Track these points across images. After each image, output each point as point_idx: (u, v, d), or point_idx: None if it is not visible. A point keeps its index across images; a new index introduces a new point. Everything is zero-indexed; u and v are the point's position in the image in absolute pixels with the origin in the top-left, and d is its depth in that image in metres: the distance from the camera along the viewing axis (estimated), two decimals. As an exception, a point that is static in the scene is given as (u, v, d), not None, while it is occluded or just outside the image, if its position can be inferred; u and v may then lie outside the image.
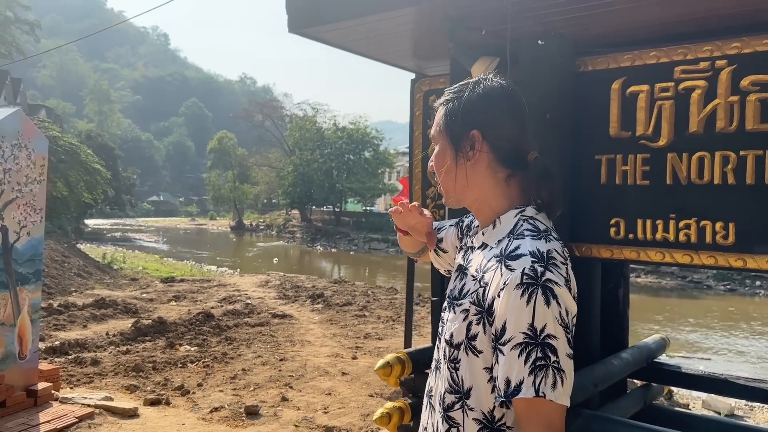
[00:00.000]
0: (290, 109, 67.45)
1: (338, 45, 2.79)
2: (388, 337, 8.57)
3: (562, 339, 1.09)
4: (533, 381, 1.06)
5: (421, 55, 3.03)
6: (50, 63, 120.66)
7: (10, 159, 4.52)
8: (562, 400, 1.07)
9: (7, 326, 4.54)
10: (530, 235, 1.18)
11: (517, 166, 1.26)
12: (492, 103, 1.25)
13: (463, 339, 1.19)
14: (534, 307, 1.08)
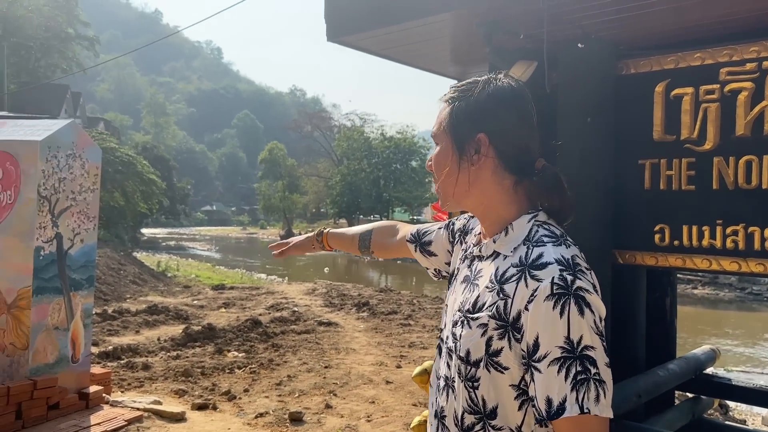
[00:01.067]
0: (338, 119, 68.27)
1: (377, 53, 2.81)
2: (433, 347, 8.52)
3: (600, 348, 1.04)
4: (576, 397, 1.01)
5: (458, 60, 3.02)
6: (109, 77, 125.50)
7: (65, 168, 4.71)
8: (606, 413, 1.02)
9: (61, 330, 4.72)
10: (550, 241, 1.12)
11: (524, 173, 1.19)
12: (502, 105, 1.17)
13: (483, 355, 1.11)
14: (568, 318, 1.02)
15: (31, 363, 4.46)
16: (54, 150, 4.63)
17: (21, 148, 4.55)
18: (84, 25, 56.10)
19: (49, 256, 4.60)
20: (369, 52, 2.76)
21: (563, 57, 2.62)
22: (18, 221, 4.51)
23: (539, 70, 2.48)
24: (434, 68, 3.14)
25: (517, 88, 1.21)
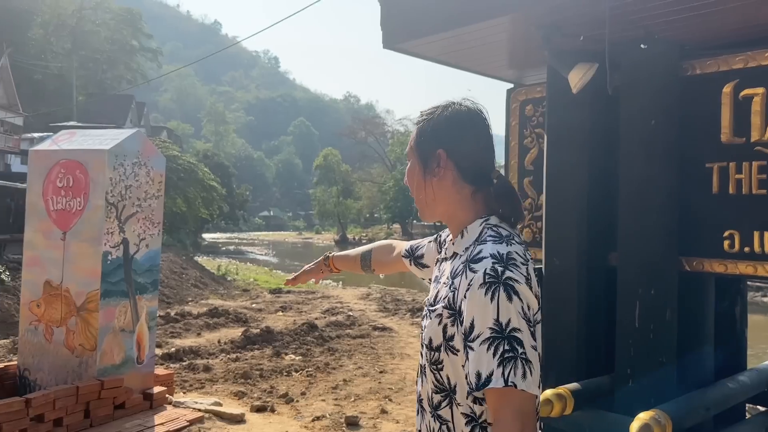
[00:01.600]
0: (392, 125, 68.51)
1: (433, 58, 2.80)
2: (489, 353, 8.41)
3: (526, 332, 1.16)
4: (503, 372, 1.12)
5: (516, 64, 2.98)
6: (171, 87, 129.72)
7: (131, 176, 4.89)
8: (531, 389, 1.14)
9: (127, 332, 4.89)
10: (492, 240, 1.26)
11: (481, 183, 1.35)
12: (458, 125, 1.35)
13: (442, 341, 1.26)
14: (498, 303, 1.16)
15: (98, 364, 4.64)
16: (121, 158, 4.81)
17: (90, 157, 4.76)
18: (147, 37, 58.35)
19: (116, 260, 4.78)
20: (424, 57, 2.76)
21: (625, 58, 2.56)
22: (87, 227, 4.71)
23: (600, 72, 2.42)
24: (490, 72, 3.11)
25: (473, 110, 1.38)
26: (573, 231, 2.59)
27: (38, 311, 4.78)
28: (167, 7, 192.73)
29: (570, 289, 2.60)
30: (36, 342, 4.79)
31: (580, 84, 2.34)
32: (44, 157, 4.93)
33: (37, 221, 4.89)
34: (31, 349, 4.80)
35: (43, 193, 4.87)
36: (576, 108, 2.55)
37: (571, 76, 2.36)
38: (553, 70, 2.55)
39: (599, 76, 2.38)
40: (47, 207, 4.84)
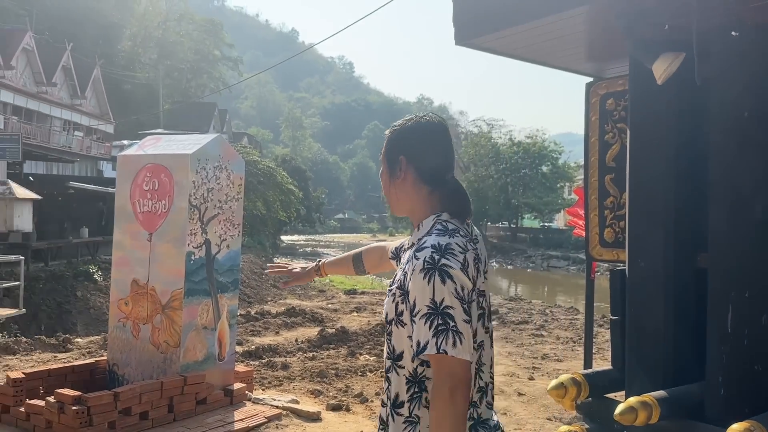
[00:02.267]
0: (465, 126, 67.83)
1: (506, 53, 2.73)
2: (568, 359, 8.17)
3: (459, 309, 1.41)
4: (436, 341, 1.40)
5: (595, 56, 2.86)
6: (251, 95, 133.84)
7: (212, 179, 5.06)
8: (462, 355, 1.40)
9: (209, 330, 5.06)
10: (437, 233, 1.51)
11: (436, 184, 1.59)
12: (417, 135, 1.61)
13: (394, 315, 1.54)
14: (433, 285, 1.42)
15: (182, 360, 4.81)
16: (203, 162, 4.98)
17: (174, 161, 4.96)
18: (229, 46, 60.45)
19: (199, 260, 4.95)
20: (498, 53, 2.69)
21: (715, 47, 2.40)
22: (172, 228, 4.91)
23: (687, 62, 2.28)
24: (568, 66, 2.99)
25: (432, 122, 1.63)
26: (659, 231, 2.44)
27: (126, 309, 5.02)
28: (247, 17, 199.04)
29: (656, 292, 2.45)
30: (124, 338, 5.03)
31: (665, 75, 2.21)
32: (131, 162, 5.18)
33: (125, 223, 5.13)
34: (120, 345, 5.05)
35: (130, 196, 5.11)
36: (661, 100, 2.40)
37: (655, 67, 2.23)
38: (636, 61, 2.42)
39: (686, 67, 2.24)
40: (134, 209, 5.07)
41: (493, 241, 53.60)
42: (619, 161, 2.83)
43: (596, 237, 2.91)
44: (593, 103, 2.93)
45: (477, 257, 1.54)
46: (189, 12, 57.84)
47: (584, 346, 4.19)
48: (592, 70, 3.04)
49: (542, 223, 53.45)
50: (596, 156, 2.92)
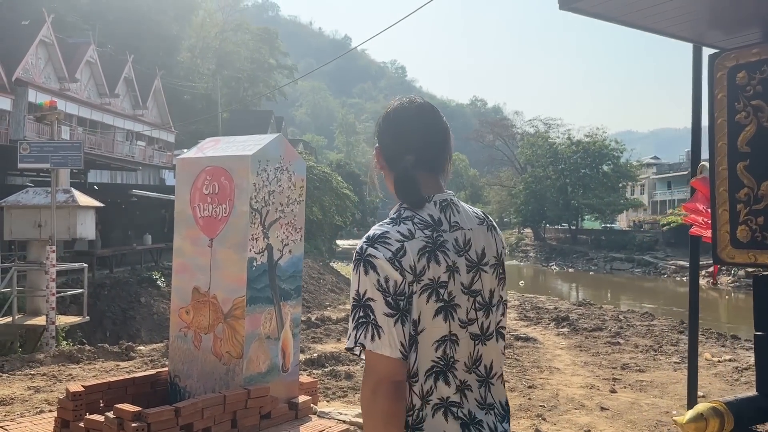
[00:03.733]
0: (521, 126, 66.69)
1: (614, 18, 2.33)
2: (651, 370, 7.58)
3: (380, 301, 1.38)
4: (355, 334, 1.39)
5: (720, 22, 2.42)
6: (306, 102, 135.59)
7: (273, 181, 4.80)
8: (380, 350, 1.36)
9: (272, 339, 4.79)
10: (381, 222, 1.50)
11: (396, 170, 1.56)
12: (385, 123, 1.61)
13: None
14: (358, 276, 1.42)
15: (245, 372, 4.56)
16: (264, 164, 4.74)
17: (234, 163, 4.72)
18: (284, 55, 61.24)
19: (261, 266, 4.70)
20: (606, 18, 2.29)
21: None
22: (233, 233, 4.67)
23: None
24: (684, 34, 2.54)
25: (401, 106, 1.61)
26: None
27: (187, 318, 4.81)
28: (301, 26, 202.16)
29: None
30: (185, 349, 4.82)
31: None
32: (190, 165, 4.98)
33: (185, 228, 4.93)
34: (181, 356, 4.84)
35: (190, 201, 4.90)
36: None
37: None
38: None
39: None
40: (194, 214, 4.86)
41: (552, 243, 52.28)
42: (755, 145, 2.37)
43: (726, 236, 2.46)
44: (719, 78, 2.48)
45: (437, 245, 1.46)
46: (245, 22, 58.91)
47: (688, 364, 3.71)
48: (715, 39, 2.59)
49: (603, 224, 51.86)
50: (724, 140, 2.47)
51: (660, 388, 6.72)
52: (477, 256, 1.52)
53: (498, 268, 1.58)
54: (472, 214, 1.58)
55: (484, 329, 1.54)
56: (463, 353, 1.48)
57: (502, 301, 1.59)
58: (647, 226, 49.25)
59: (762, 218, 2.37)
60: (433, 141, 1.58)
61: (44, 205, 10.08)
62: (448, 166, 1.62)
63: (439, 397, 1.44)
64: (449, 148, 1.63)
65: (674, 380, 7.04)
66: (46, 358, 7.73)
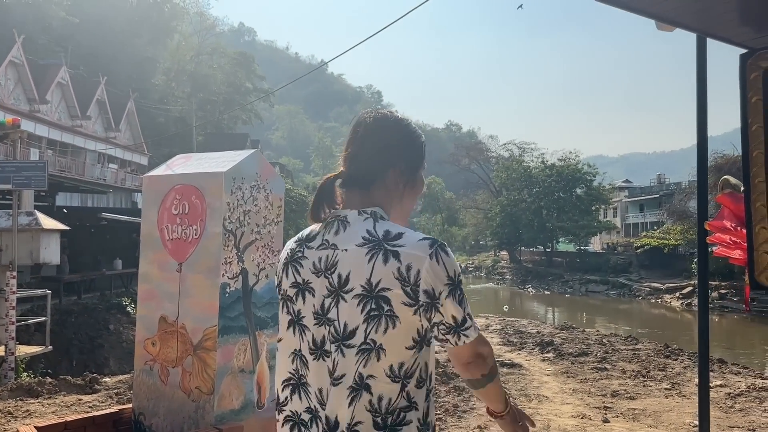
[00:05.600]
0: (496, 150, 67.37)
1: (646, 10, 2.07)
2: (642, 397, 7.31)
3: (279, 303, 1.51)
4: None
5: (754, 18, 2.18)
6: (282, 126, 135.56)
7: (249, 200, 4.46)
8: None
9: (247, 373, 4.41)
10: None
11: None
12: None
13: None
14: None
15: (216, 409, 4.16)
16: (238, 182, 4.40)
17: (206, 180, 4.37)
18: (260, 78, 61.03)
19: (235, 293, 4.33)
20: (634, 10, 2.04)
21: None
22: (204, 257, 4.30)
23: None
24: (714, 31, 2.29)
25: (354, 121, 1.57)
26: None
27: (153, 350, 4.40)
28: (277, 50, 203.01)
29: None
30: (151, 384, 4.41)
31: None
32: (158, 183, 4.61)
33: (151, 252, 4.55)
34: (146, 392, 4.42)
35: (158, 222, 4.53)
36: None
37: None
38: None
39: None
40: (162, 236, 4.49)
41: (528, 265, 52.36)
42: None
43: (765, 258, 2.19)
44: (752, 80, 2.23)
45: (293, 259, 1.45)
46: (221, 46, 58.69)
47: (699, 397, 3.43)
48: (745, 37, 2.36)
49: (578, 246, 52.19)
50: (761, 149, 2.21)
51: (653, 417, 6.44)
52: (339, 280, 1.34)
53: (368, 302, 1.29)
54: (362, 234, 1.35)
55: (334, 370, 1.32)
56: (313, 380, 1.37)
57: (376, 347, 1.29)
58: (621, 248, 49.71)
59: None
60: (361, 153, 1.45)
61: (5, 228, 9.57)
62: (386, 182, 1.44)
63: (292, 410, 1.40)
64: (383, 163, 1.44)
65: (667, 408, 6.78)
66: (3, 392, 7.19)
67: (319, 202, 1.46)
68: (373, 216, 1.40)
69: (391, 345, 1.29)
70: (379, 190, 1.44)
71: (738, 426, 6.12)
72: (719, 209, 3.08)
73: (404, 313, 1.29)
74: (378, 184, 1.44)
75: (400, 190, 1.47)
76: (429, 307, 1.30)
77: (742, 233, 2.76)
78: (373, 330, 1.29)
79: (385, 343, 1.29)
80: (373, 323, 1.29)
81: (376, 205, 1.43)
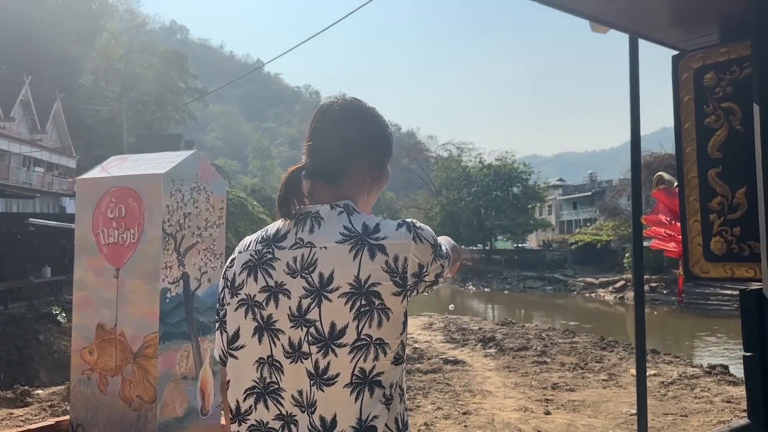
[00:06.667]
0: (435, 150, 68.04)
1: (584, 12, 2.13)
2: (581, 388, 7.55)
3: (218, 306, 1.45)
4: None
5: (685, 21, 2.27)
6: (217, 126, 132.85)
7: (189, 203, 4.35)
8: (214, 352, 1.46)
9: (189, 379, 4.30)
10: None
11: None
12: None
13: None
14: None
15: (158, 417, 4.04)
16: (178, 183, 4.28)
17: (144, 182, 4.24)
18: (193, 78, 59.61)
19: (176, 298, 4.21)
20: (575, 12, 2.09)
21: None
22: (143, 261, 4.17)
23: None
24: (648, 34, 2.38)
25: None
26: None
27: (91, 359, 4.23)
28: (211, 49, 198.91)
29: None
30: (89, 393, 4.24)
31: None
32: (93, 186, 4.44)
33: (86, 258, 4.37)
34: (84, 402, 4.25)
35: (93, 226, 4.36)
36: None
37: None
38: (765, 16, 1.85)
39: None
40: (98, 241, 4.32)
41: (468, 264, 53.17)
42: (727, 150, 2.23)
43: (698, 249, 2.29)
44: (684, 80, 2.33)
45: (261, 261, 1.37)
46: (152, 44, 57.01)
47: (637, 385, 3.56)
48: (677, 39, 2.46)
49: (515, 244, 53.39)
50: (693, 146, 2.31)
51: (593, 407, 6.66)
52: (321, 280, 1.28)
53: (356, 299, 1.27)
54: (340, 230, 1.31)
55: (319, 370, 1.27)
56: (290, 384, 1.31)
57: (373, 341, 1.26)
58: (556, 245, 51.16)
59: (738, 228, 2.22)
60: (329, 144, 1.41)
61: None
62: (353, 174, 1.41)
63: (257, 419, 1.35)
64: (351, 154, 1.41)
65: (605, 398, 7.02)
66: None
67: (288, 197, 1.38)
68: (347, 210, 1.36)
69: (389, 336, 1.28)
70: (347, 182, 1.40)
71: (672, 413, 6.40)
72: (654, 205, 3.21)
73: (393, 302, 1.27)
74: (346, 177, 1.40)
75: (368, 184, 1.43)
76: (415, 285, 1.31)
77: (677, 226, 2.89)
78: (366, 325, 1.25)
79: (384, 336, 1.27)
80: (365, 319, 1.25)
81: (345, 198, 1.39)
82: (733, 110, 2.23)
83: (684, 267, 2.37)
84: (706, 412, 6.38)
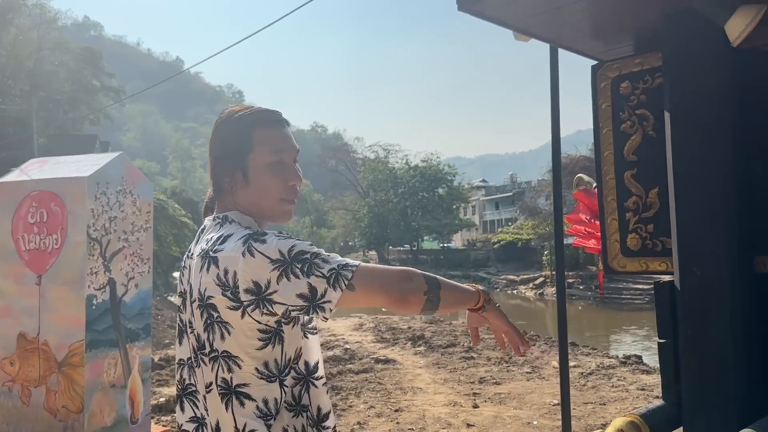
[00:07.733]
0: (362, 152, 68.27)
1: (513, 25, 2.25)
2: (507, 381, 7.82)
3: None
4: None
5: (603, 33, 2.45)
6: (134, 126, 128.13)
7: (115, 206, 4.24)
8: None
9: (118, 388, 4.18)
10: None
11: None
12: None
13: None
14: None
15: (86, 427, 3.92)
16: (103, 186, 4.16)
17: (66, 186, 4.09)
18: (109, 76, 57.17)
19: (102, 304, 4.09)
20: (502, 23, 2.21)
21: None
22: (66, 268, 4.02)
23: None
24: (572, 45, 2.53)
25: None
26: (717, 233, 2.04)
27: (12, 370, 4.05)
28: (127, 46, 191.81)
29: (719, 306, 2.04)
30: (11, 406, 4.05)
31: (743, 35, 1.81)
32: (11, 190, 4.24)
33: (6, 265, 4.18)
34: (6, 415, 4.06)
35: (12, 232, 4.17)
36: (715, 73, 2.01)
37: (731, 25, 1.83)
38: (675, 27, 2.03)
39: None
40: (17, 247, 4.14)
41: (395, 264, 53.72)
42: (641, 154, 2.43)
43: (616, 245, 2.48)
44: (603, 88, 2.51)
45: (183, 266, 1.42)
46: (64, 41, 54.31)
47: (560, 377, 3.77)
48: (596, 50, 2.63)
49: (441, 244, 54.37)
50: (610, 150, 2.50)
51: (518, 399, 6.92)
52: (190, 290, 1.34)
53: (203, 311, 1.28)
54: (204, 242, 1.34)
55: (202, 376, 1.32)
56: (200, 387, 1.33)
57: (221, 354, 1.26)
58: (479, 244, 52.41)
59: (652, 226, 2.42)
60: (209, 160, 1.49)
61: None
62: (223, 184, 1.42)
63: (177, 423, 1.37)
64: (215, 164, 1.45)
65: (529, 390, 7.31)
66: None
67: (207, 208, 1.49)
68: (223, 221, 1.38)
69: (239, 350, 1.25)
70: (225, 193, 1.43)
71: (591, 402, 6.75)
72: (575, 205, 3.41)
73: (232, 317, 1.24)
74: (221, 187, 1.43)
75: (230, 187, 1.41)
76: (258, 303, 1.22)
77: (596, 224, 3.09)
78: (213, 338, 1.27)
79: (230, 349, 1.25)
80: (210, 331, 1.27)
81: (229, 208, 1.41)
82: (647, 117, 2.43)
83: (603, 262, 2.55)
84: (623, 400, 6.77)
